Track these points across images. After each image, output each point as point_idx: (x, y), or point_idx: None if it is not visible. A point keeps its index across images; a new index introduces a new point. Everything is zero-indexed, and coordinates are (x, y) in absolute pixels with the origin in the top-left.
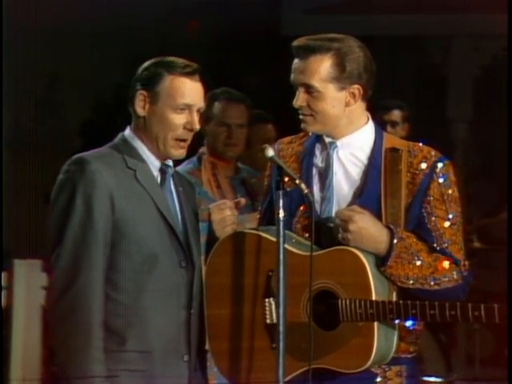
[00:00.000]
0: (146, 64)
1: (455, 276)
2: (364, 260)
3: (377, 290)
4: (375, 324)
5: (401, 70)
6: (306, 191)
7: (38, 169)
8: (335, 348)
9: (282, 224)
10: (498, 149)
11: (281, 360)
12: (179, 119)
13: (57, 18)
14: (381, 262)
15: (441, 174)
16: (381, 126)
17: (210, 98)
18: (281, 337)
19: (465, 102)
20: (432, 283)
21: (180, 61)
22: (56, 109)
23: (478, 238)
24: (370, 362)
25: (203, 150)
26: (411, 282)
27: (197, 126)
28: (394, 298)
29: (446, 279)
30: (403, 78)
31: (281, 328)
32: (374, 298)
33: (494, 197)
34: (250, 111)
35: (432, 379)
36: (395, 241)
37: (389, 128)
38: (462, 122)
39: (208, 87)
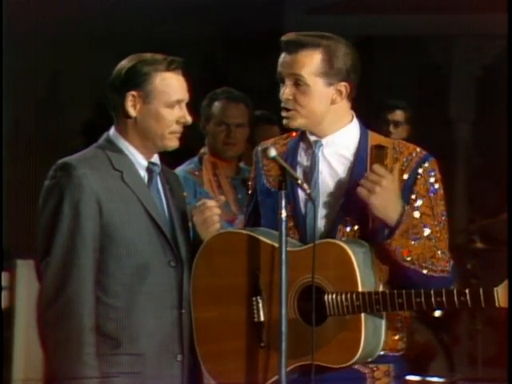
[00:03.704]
0: (127, 64)
1: (448, 268)
2: (350, 252)
3: (363, 282)
4: (362, 317)
5: (402, 70)
6: (308, 191)
7: (38, 168)
8: (323, 343)
9: (284, 224)
10: (500, 149)
11: (283, 360)
12: (173, 115)
13: (57, 17)
14: (388, 232)
15: (427, 172)
16: (384, 125)
17: (210, 98)
18: (283, 337)
19: (466, 102)
20: (430, 267)
21: (162, 57)
22: (57, 108)
23: (480, 239)
24: (357, 356)
25: (204, 150)
26: (409, 260)
27: (190, 120)
28: (381, 290)
29: (441, 268)
30: (404, 78)
31: (283, 328)
32: (360, 289)
33: (496, 197)
34: (251, 111)
35: (434, 379)
36: (406, 214)
37: (392, 128)
38: (463, 122)
39: (195, 90)
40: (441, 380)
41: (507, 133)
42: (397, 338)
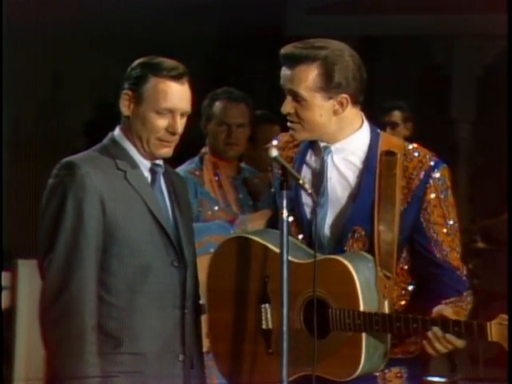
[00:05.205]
0: (134, 63)
1: (463, 277)
2: (352, 270)
3: (365, 301)
4: (363, 335)
5: (402, 70)
6: (309, 191)
7: (38, 168)
8: (326, 356)
9: (285, 224)
10: (501, 149)
11: (284, 361)
12: (161, 122)
13: (57, 17)
14: None
15: (437, 180)
16: (381, 127)
17: (211, 98)
18: (285, 337)
19: (467, 102)
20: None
21: (167, 63)
22: (57, 108)
23: (481, 239)
24: (358, 372)
25: (205, 149)
26: None
27: (178, 130)
28: (386, 309)
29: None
30: (405, 78)
31: (285, 328)
32: (361, 308)
33: (497, 197)
34: (252, 111)
35: (436, 379)
36: None
37: (389, 130)
38: (464, 122)
39: (195, 90)
40: (442, 380)
41: (507, 132)
42: (410, 340)
